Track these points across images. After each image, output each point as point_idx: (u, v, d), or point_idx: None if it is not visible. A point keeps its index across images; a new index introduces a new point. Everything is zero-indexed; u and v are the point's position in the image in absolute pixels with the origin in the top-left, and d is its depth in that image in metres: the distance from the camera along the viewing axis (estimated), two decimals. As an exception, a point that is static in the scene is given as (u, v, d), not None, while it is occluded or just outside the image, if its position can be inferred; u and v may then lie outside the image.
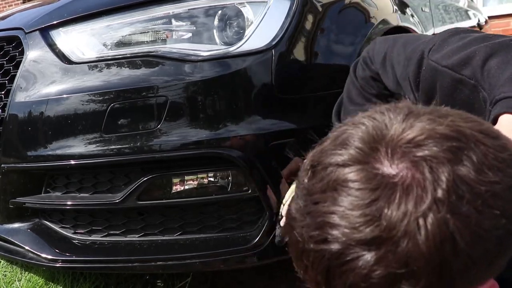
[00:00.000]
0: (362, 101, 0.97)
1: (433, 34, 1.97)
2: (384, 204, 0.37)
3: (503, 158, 0.40)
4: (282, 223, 0.95)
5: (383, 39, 0.96)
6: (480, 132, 0.41)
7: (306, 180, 0.44)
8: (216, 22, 1.09)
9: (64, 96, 1.08)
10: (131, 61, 1.08)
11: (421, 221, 0.36)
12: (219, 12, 1.09)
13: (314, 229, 0.41)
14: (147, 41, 1.11)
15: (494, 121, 0.63)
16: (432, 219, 0.36)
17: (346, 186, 0.39)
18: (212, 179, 1.07)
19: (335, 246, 0.39)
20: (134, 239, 1.12)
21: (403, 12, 1.61)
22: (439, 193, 0.37)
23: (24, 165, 1.13)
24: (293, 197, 0.47)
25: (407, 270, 0.37)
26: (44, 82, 1.11)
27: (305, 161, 0.47)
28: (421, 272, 0.37)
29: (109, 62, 1.09)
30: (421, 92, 0.81)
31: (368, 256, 0.38)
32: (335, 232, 0.39)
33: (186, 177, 1.07)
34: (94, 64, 1.10)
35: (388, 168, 0.38)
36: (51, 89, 1.10)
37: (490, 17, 3.76)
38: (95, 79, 1.08)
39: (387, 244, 0.37)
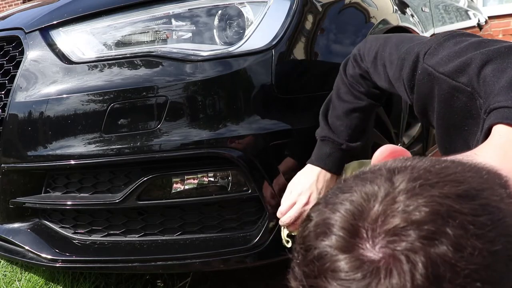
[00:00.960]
0: (350, 99, 0.98)
1: (433, 34, 1.97)
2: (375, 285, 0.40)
3: (482, 223, 0.41)
4: (290, 228, 0.98)
5: (375, 37, 0.97)
6: (458, 196, 0.42)
7: (300, 257, 0.47)
8: (216, 22, 1.09)
9: (64, 96, 1.08)
10: (131, 61, 1.08)
11: None
12: (219, 12, 1.09)
13: None
14: (147, 41, 1.11)
15: (488, 131, 0.63)
16: None
17: (336, 275, 0.41)
18: (212, 179, 1.07)
19: None
20: (134, 239, 1.12)
21: (403, 12, 1.61)
22: (418, 279, 0.38)
23: (24, 165, 1.13)
24: (291, 265, 0.49)
25: None
26: (44, 82, 1.11)
27: (298, 235, 0.50)
28: None
29: (109, 62, 1.09)
30: (417, 96, 0.82)
31: None
32: None
33: (186, 177, 1.07)
34: (94, 64, 1.10)
35: (371, 254, 0.40)
36: (51, 89, 1.10)
37: (490, 17, 3.76)
38: (95, 79, 1.08)
39: None
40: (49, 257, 1.12)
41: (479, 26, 2.85)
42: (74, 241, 1.15)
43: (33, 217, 1.20)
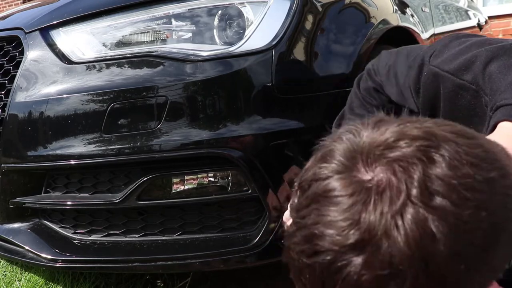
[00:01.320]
0: (362, 112, 0.98)
1: (433, 34, 1.97)
2: (361, 208, 0.39)
3: (476, 154, 0.41)
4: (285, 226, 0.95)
5: (388, 52, 0.97)
6: (452, 132, 0.42)
7: (295, 200, 0.46)
8: (216, 22, 1.09)
9: (64, 96, 1.08)
10: (131, 61, 1.08)
11: (398, 219, 0.37)
12: (219, 12, 1.09)
13: (304, 243, 0.42)
14: (147, 41, 1.11)
15: (494, 128, 0.63)
16: (408, 217, 0.37)
17: (327, 196, 0.41)
18: (212, 179, 1.07)
19: (324, 257, 0.40)
20: (134, 239, 1.12)
21: (403, 12, 1.61)
22: (413, 191, 0.38)
23: (24, 165, 1.13)
24: (291, 205, 0.49)
25: (391, 271, 0.38)
26: (44, 82, 1.11)
27: (294, 186, 0.49)
28: (405, 271, 0.37)
29: (109, 62, 1.09)
30: (423, 99, 0.82)
31: (356, 261, 0.39)
32: (322, 242, 0.41)
33: (186, 177, 1.07)
34: (94, 64, 1.10)
35: (364, 174, 0.40)
36: (51, 89, 1.10)
37: (490, 17, 3.76)
38: (95, 79, 1.08)
39: (369, 247, 0.38)
40: (49, 257, 1.12)
41: (479, 26, 2.85)
42: (74, 241, 1.15)
43: (33, 217, 1.20)
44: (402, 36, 1.58)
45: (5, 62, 1.21)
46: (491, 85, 0.67)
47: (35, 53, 1.15)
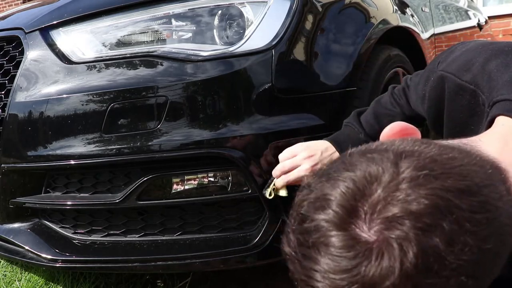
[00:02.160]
0: (387, 105, 1.03)
1: (433, 34, 1.97)
2: (362, 270, 0.41)
3: (478, 221, 0.42)
4: (278, 182, 0.95)
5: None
6: (460, 191, 0.43)
7: (296, 224, 0.48)
8: (216, 22, 1.09)
9: (64, 96, 1.08)
10: (131, 61, 1.08)
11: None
12: (219, 12, 1.09)
13: (303, 276, 0.46)
14: (147, 41, 1.11)
15: (491, 122, 0.64)
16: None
17: (328, 251, 0.43)
18: (212, 179, 1.07)
19: None
20: (134, 239, 1.12)
21: (403, 12, 1.61)
22: (407, 267, 0.40)
23: (24, 165, 1.13)
24: (286, 229, 0.51)
25: None
26: (44, 82, 1.11)
27: (296, 200, 0.51)
28: None
29: (109, 62, 1.09)
30: (429, 103, 0.85)
31: None
32: (319, 285, 0.44)
33: (186, 177, 1.07)
34: (94, 64, 1.10)
35: (366, 235, 0.42)
36: (51, 89, 1.10)
37: (490, 17, 3.76)
38: (95, 79, 1.08)
39: None
40: (49, 257, 1.12)
41: (479, 26, 2.85)
42: (74, 241, 1.15)
43: (33, 217, 1.20)
44: (402, 36, 1.58)
45: (5, 62, 1.21)
46: (490, 83, 0.68)
47: (35, 53, 1.15)
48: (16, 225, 1.20)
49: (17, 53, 1.19)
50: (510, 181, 0.50)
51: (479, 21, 2.88)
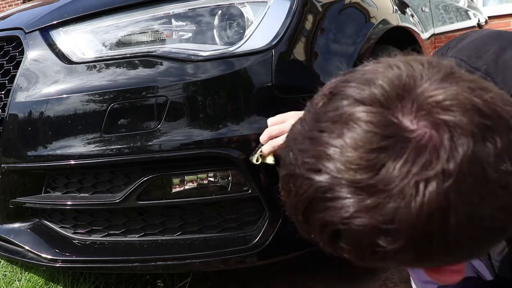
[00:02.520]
0: None
1: (433, 34, 1.97)
2: (391, 156, 0.35)
3: None
4: (265, 148, 0.89)
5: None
6: None
7: (320, 105, 0.42)
8: (216, 22, 1.09)
9: (64, 96, 1.08)
10: (131, 61, 1.08)
11: (421, 186, 0.35)
12: (219, 12, 1.09)
13: (311, 157, 0.39)
14: (147, 41, 1.11)
15: None
16: (433, 188, 0.34)
17: (358, 124, 0.37)
18: (212, 179, 1.07)
19: (325, 179, 0.37)
20: (134, 239, 1.11)
21: (403, 12, 1.61)
22: (451, 165, 0.34)
23: (24, 165, 1.13)
24: (300, 118, 0.45)
25: (389, 228, 0.36)
26: (44, 82, 1.11)
27: (323, 86, 0.44)
28: (402, 234, 0.36)
29: (109, 62, 1.09)
30: None
31: (356, 200, 0.36)
32: (330, 165, 0.37)
33: (186, 177, 1.07)
34: (94, 64, 1.10)
35: (408, 121, 0.36)
36: (51, 89, 1.10)
37: (490, 17, 3.76)
38: (95, 79, 1.08)
39: (378, 196, 0.35)
40: (49, 257, 1.12)
41: (479, 26, 2.85)
42: (74, 241, 1.15)
43: (33, 217, 1.20)
44: (402, 36, 1.58)
45: (5, 62, 1.21)
46: (504, 73, 0.65)
47: (35, 53, 1.15)
48: (16, 225, 1.20)
49: (17, 53, 1.19)
50: None
51: (479, 21, 2.88)
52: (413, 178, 0.34)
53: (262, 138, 0.88)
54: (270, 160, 0.89)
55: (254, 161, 0.91)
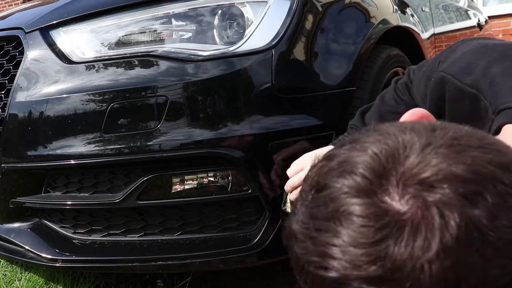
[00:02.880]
0: (391, 102, 0.99)
1: (433, 34, 1.97)
2: (390, 244, 0.36)
3: None
4: (292, 196, 0.91)
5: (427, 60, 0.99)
6: (501, 166, 0.39)
7: (310, 198, 0.42)
8: (216, 21, 1.09)
9: (64, 95, 1.08)
10: (131, 61, 1.08)
11: (426, 267, 0.35)
12: (219, 11, 1.09)
13: (315, 256, 0.39)
14: (147, 41, 1.11)
15: (498, 131, 0.62)
16: (438, 266, 0.35)
17: (351, 220, 0.37)
18: (212, 179, 1.07)
19: (335, 275, 0.38)
20: (134, 239, 1.11)
21: (403, 12, 1.61)
22: (447, 239, 0.35)
23: (24, 164, 1.13)
24: (295, 207, 0.45)
25: None
26: (44, 81, 1.11)
27: (309, 173, 0.45)
28: None
29: (109, 62, 1.09)
30: (430, 105, 0.82)
31: None
32: (335, 264, 0.38)
33: (186, 177, 1.07)
34: (94, 64, 1.10)
35: (398, 204, 0.36)
36: (51, 89, 1.10)
37: (490, 17, 3.76)
38: (95, 79, 1.08)
39: (389, 284, 0.36)
40: (49, 257, 1.12)
41: (479, 26, 2.85)
42: (74, 241, 1.15)
43: (33, 217, 1.20)
44: (402, 36, 1.58)
45: (5, 61, 1.21)
46: (493, 88, 0.66)
47: (35, 53, 1.15)
48: (16, 225, 1.20)
49: (17, 53, 1.19)
50: None
51: (479, 21, 2.88)
52: (417, 261, 0.35)
53: (287, 189, 0.92)
54: None
55: (288, 210, 0.96)
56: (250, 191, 1.06)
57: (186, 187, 1.07)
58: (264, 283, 1.39)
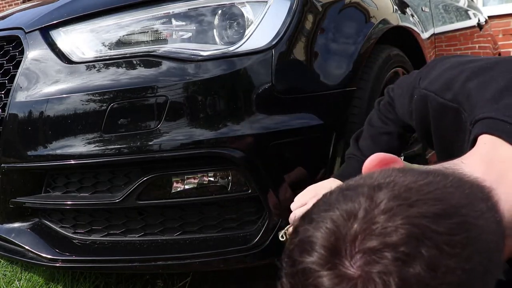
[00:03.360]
0: (379, 124, 1.02)
1: (433, 34, 1.97)
2: None
3: (457, 241, 0.42)
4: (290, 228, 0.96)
5: (405, 76, 1.03)
6: (436, 216, 0.43)
7: (287, 270, 0.49)
8: (216, 21, 1.09)
9: (65, 95, 1.08)
10: (131, 61, 1.08)
11: None
12: (219, 11, 1.09)
13: None
14: (147, 41, 1.11)
15: (474, 141, 0.65)
16: None
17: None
18: (212, 179, 1.07)
19: None
20: (134, 239, 1.11)
21: (403, 12, 1.61)
22: None
23: (24, 164, 1.13)
24: (280, 273, 0.52)
25: None
26: (44, 81, 1.11)
27: (285, 247, 0.52)
28: None
29: (109, 61, 1.09)
30: (416, 120, 0.87)
31: None
32: None
33: (186, 177, 1.07)
34: (94, 64, 1.10)
35: (351, 271, 0.42)
36: (52, 89, 1.10)
37: (490, 17, 3.76)
38: (95, 79, 1.08)
39: None
40: (49, 257, 1.12)
41: (479, 26, 2.85)
42: (74, 241, 1.15)
43: (33, 217, 1.20)
44: (402, 36, 1.58)
45: (5, 61, 1.21)
46: (470, 101, 0.70)
47: (35, 53, 1.15)
48: (16, 225, 1.20)
49: (17, 53, 1.19)
50: (494, 198, 0.50)
51: (479, 21, 2.88)
52: None
53: (291, 219, 0.97)
54: None
55: (280, 237, 0.99)
56: (250, 191, 1.06)
57: (186, 187, 1.07)
58: (264, 283, 1.39)
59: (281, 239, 0.99)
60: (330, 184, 0.98)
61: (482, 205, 0.47)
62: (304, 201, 0.96)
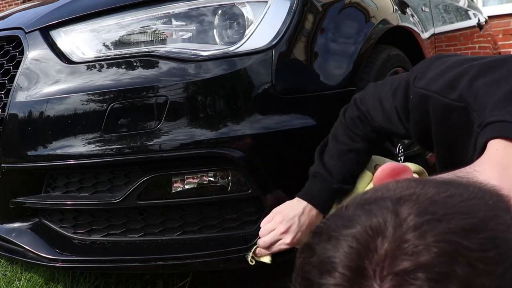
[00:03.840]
0: (346, 140, 0.98)
1: (433, 34, 1.97)
2: None
3: (490, 258, 0.40)
4: (262, 251, 1.00)
5: (374, 84, 0.99)
6: (466, 231, 0.41)
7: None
8: (216, 21, 1.09)
9: (64, 95, 1.08)
10: (131, 61, 1.08)
11: None
12: (219, 11, 1.09)
13: None
14: (147, 41, 1.11)
15: (484, 146, 0.62)
16: None
17: None
18: (212, 179, 1.07)
19: None
20: (134, 239, 1.11)
21: (403, 12, 1.61)
22: None
23: (24, 164, 1.13)
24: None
25: None
26: (44, 81, 1.11)
27: (298, 263, 0.48)
28: None
29: (109, 61, 1.09)
30: (413, 122, 0.82)
31: None
32: None
33: (186, 177, 1.07)
34: (94, 64, 1.10)
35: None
36: (52, 89, 1.10)
37: (490, 17, 3.76)
38: (95, 79, 1.08)
39: None
40: (49, 257, 1.12)
41: (479, 26, 2.85)
42: (74, 241, 1.15)
43: (33, 217, 1.20)
44: (402, 36, 1.58)
45: (5, 61, 1.21)
46: (479, 101, 0.66)
47: (35, 53, 1.15)
48: (16, 225, 1.20)
49: (17, 53, 1.19)
50: None
51: (479, 21, 2.88)
52: None
53: (259, 244, 0.99)
54: (266, 259, 1.00)
55: (249, 260, 1.02)
56: (250, 191, 1.06)
57: (186, 187, 1.07)
58: (264, 283, 1.39)
59: (250, 263, 1.00)
60: (298, 207, 0.97)
61: (507, 217, 0.45)
62: (272, 227, 0.97)
